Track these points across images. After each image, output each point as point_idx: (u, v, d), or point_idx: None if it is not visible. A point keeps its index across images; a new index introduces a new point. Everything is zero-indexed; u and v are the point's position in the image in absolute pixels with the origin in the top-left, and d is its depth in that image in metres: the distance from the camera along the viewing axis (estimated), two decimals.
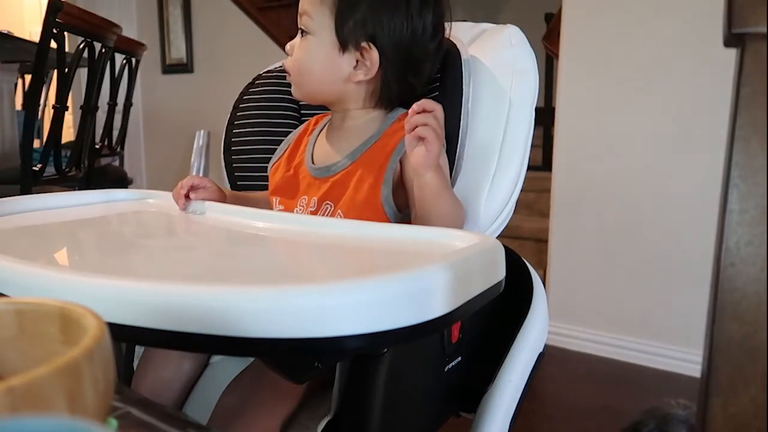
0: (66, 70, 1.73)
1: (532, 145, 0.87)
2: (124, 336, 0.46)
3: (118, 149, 2.50)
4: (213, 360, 0.87)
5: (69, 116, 2.95)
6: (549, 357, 0.87)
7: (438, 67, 0.87)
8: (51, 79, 2.62)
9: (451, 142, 0.83)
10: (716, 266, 0.36)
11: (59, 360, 0.25)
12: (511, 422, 0.81)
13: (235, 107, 1.07)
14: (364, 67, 0.82)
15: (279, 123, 1.04)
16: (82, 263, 0.66)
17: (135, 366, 0.84)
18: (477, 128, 0.84)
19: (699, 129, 1.82)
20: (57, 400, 0.25)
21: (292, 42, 0.86)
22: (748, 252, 0.35)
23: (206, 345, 0.45)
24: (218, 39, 3.65)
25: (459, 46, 0.86)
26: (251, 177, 1.03)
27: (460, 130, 0.83)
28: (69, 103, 1.89)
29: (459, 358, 0.77)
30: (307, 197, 0.85)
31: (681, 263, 1.88)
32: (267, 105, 1.04)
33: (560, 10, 2.05)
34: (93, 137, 2.17)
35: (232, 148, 1.05)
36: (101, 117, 2.16)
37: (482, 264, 0.56)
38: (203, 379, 0.85)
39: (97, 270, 0.58)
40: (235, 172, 1.05)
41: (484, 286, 0.55)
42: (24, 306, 0.33)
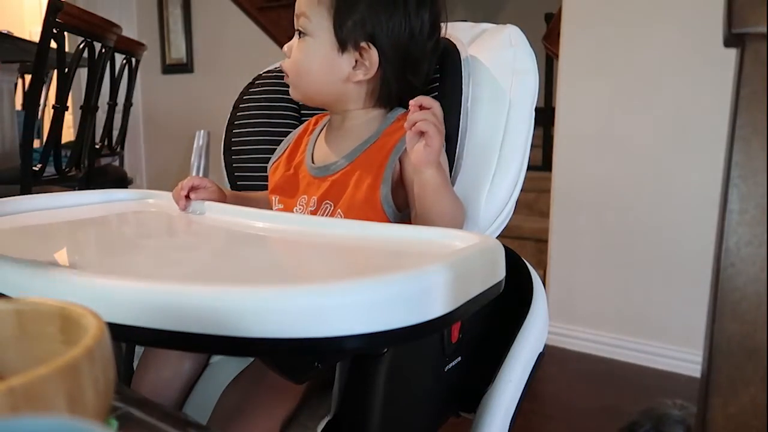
0: (66, 70, 1.73)
1: (532, 145, 0.87)
2: (124, 336, 0.46)
3: (118, 149, 2.50)
4: (213, 360, 0.87)
5: (69, 116, 2.95)
6: (549, 357, 0.87)
7: (437, 67, 0.87)
8: (51, 79, 2.62)
9: (450, 142, 0.83)
10: (716, 266, 0.36)
11: (59, 360, 0.25)
12: (511, 422, 0.81)
13: (235, 107, 1.07)
14: (363, 67, 0.82)
15: (279, 123, 1.04)
16: (82, 263, 0.66)
17: (135, 366, 0.84)
18: (477, 128, 0.85)
19: (699, 129, 1.82)
20: (57, 400, 0.25)
21: (290, 44, 0.86)
22: (748, 252, 0.35)
23: (206, 345, 0.45)
24: (218, 39, 3.65)
25: (459, 46, 0.86)
26: (251, 177, 1.03)
27: (459, 130, 0.84)
28: (69, 103, 1.89)
29: (459, 358, 0.77)
30: (307, 196, 0.85)
31: (681, 263, 1.88)
32: (267, 105, 1.04)
33: (560, 10, 2.05)
34: (93, 137, 2.17)
35: (232, 148, 1.05)
36: (101, 117, 2.16)
37: (482, 264, 0.56)
38: (203, 379, 0.85)
39: (97, 270, 0.58)
40: (235, 172, 1.05)
41: (484, 286, 0.55)
42: (24, 306, 0.33)
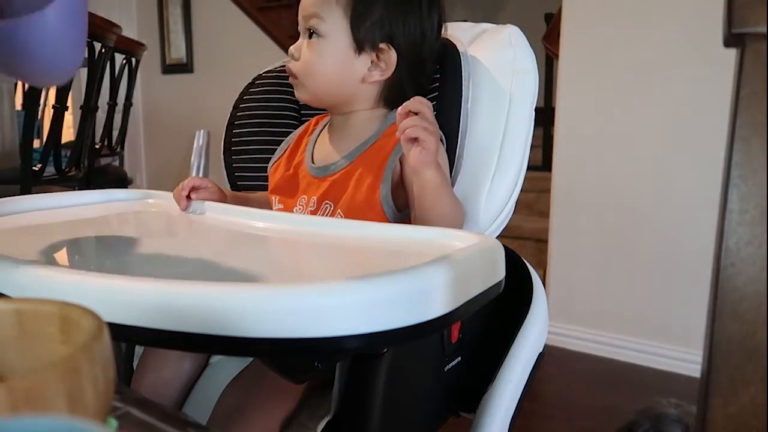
0: None
1: (532, 145, 0.87)
2: (124, 336, 0.46)
3: (118, 149, 2.50)
4: (213, 360, 0.87)
5: (69, 116, 2.95)
6: (549, 357, 0.87)
7: (437, 67, 0.87)
8: None
9: (451, 142, 0.83)
10: (716, 266, 0.36)
11: (59, 360, 0.25)
12: (511, 422, 0.81)
13: (235, 107, 1.07)
14: (379, 68, 0.82)
15: (279, 123, 1.04)
16: (82, 263, 0.66)
17: (135, 366, 0.84)
18: (477, 128, 0.85)
19: (699, 129, 1.82)
20: (57, 400, 0.25)
21: (297, 45, 0.84)
22: (748, 252, 0.35)
23: (206, 345, 0.45)
24: (218, 39, 3.65)
25: (458, 46, 0.86)
26: (251, 177, 1.03)
27: (460, 131, 0.83)
28: (69, 103, 1.89)
29: (459, 358, 0.77)
30: (307, 196, 0.85)
31: (681, 263, 1.88)
32: (267, 105, 1.04)
33: (560, 10, 2.05)
34: (93, 137, 2.17)
35: (232, 149, 1.05)
36: (101, 117, 2.16)
37: (482, 264, 0.56)
38: (203, 379, 0.85)
39: (97, 270, 0.58)
40: (235, 173, 1.05)
41: (484, 286, 0.55)
42: (24, 306, 0.33)
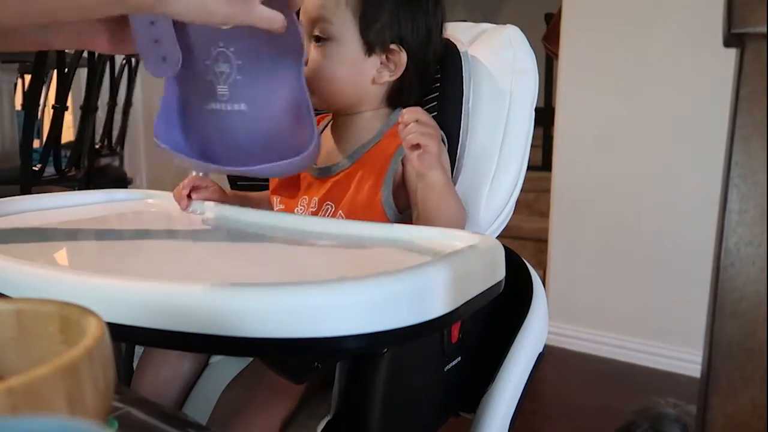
0: (66, 70, 1.73)
1: (532, 145, 0.87)
2: (124, 336, 0.46)
3: (118, 149, 2.50)
4: (213, 360, 0.87)
5: (69, 116, 2.95)
6: (549, 357, 0.87)
7: (437, 68, 0.87)
8: (51, 79, 2.62)
9: (452, 142, 0.83)
10: (716, 266, 0.36)
11: (59, 360, 0.25)
12: (511, 422, 0.81)
13: None
14: (389, 69, 0.82)
15: None
16: (82, 263, 0.66)
17: (135, 366, 0.84)
18: (477, 128, 0.84)
19: (699, 129, 1.82)
20: (57, 400, 0.25)
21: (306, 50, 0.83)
22: (748, 252, 0.35)
23: (206, 345, 0.45)
24: None
25: (459, 47, 0.86)
26: (251, 177, 1.03)
27: (461, 131, 0.83)
28: (69, 103, 1.90)
29: (459, 358, 0.77)
30: (308, 197, 0.84)
31: (681, 263, 1.88)
32: None
33: (560, 10, 2.05)
34: (93, 137, 2.17)
35: None
36: (101, 117, 2.16)
37: (482, 264, 0.56)
38: (203, 379, 0.85)
39: (97, 270, 0.58)
40: (239, 181, 1.04)
41: (484, 286, 0.55)
42: (24, 306, 0.33)
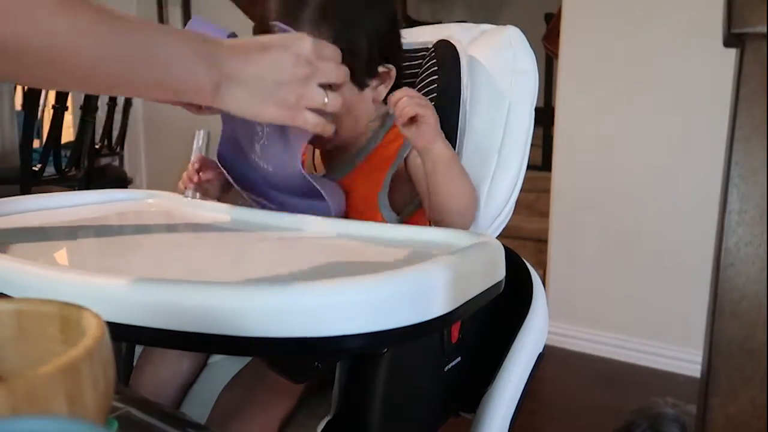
0: None
1: (532, 145, 0.88)
2: (124, 336, 0.46)
3: (118, 149, 2.50)
4: (212, 359, 0.87)
5: (69, 116, 2.95)
6: (549, 357, 0.87)
7: (435, 68, 0.87)
8: None
9: (450, 141, 0.83)
10: (716, 266, 0.36)
11: (59, 360, 0.25)
12: (511, 422, 0.81)
13: None
14: (384, 85, 0.83)
15: None
16: (82, 263, 0.66)
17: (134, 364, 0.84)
18: (476, 128, 0.85)
19: (699, 129, 1.82)
20: (57, 400, 0.25)
21: None
22: (748, 252, 0.35)
23: (206, 344, 0.45)
24: None
25: (457, 47, 0.86)
26: None
27: (458, 129, 0.84)
28: (69, 103, 1.90)
29: (458, 358, 0.77)
30: None
31: (681, 263, 1.88)
32: None
33: (560, 10, 2.05)
34: (93, 137, 2.17)
35: None
36: (101, 117, 2.16)
37: (482, 264, 0.56)
38: (202, 379, 0.85)
39: (97, 270, 0.58)
40: None
41: (484, 286, 0.55)
42: (24, 306, 0.33)
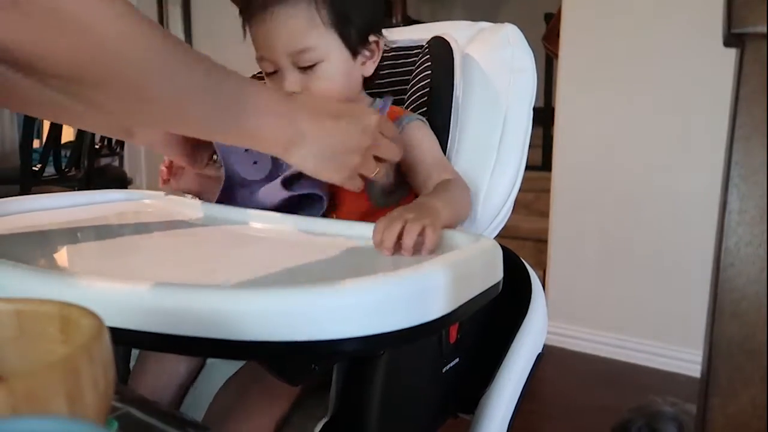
0: None
1: (532, 145, 0.88)
2: (122, 340, 0.45)
3: (118, 149, 2.50)
4: (209, 361, 0.87)
5: None
6: (549, 357, 0.87)
7: (428, 63, 0.87)
8: None
9: (443, 137, 0.83)
10: (716, 266, 0.36)
11: (59, 360, 0.25)
12: (510, 423, 0.81)
13: None
14: (372, 59, 0.82)
15: None
16: (82, 264, 0.66)
17: (131, 367, 0.84)
18: (474, 127, 0.84)
19: (699, 129, 1.82)
20: (57, 400, 0.25)
21: (293, 81, 0.78)
22: (748, 252, 0.35)
23: (203, 348, 0.45)
24: (218, 39, 3.64)
25: (452, 44, 0.86)
26: None
27: (450, 127, 0.83)
28: None
29: (457, 359, 0.77)
30: None
31: (681, 263, 1.88)
32: None
33: (560, 10, 2.05)
34: (93, 137, 2.17)
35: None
36: None
37: (480, 265, 0.56)
38: (200, 380, 0.85)
39: (96, 271, 0.58)
40: None
41: (482, 287, 0.55)
42: (24, 306, 0.33)
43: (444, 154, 0.83)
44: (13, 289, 0.50)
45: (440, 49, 0.86)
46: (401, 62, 0.92)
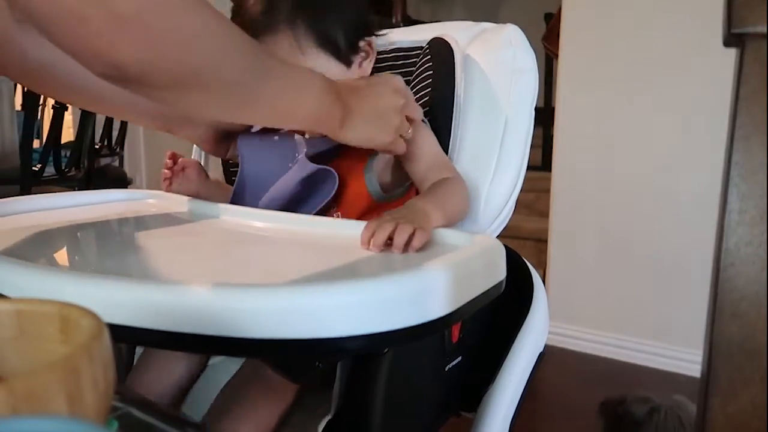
0: None
1: (532, 145, 0.87)
2: (124, 337, 0.46)
3: (118, 149, 2.50)
4: (213, 361, 0.87)
5: (69, 116, 2.95)
6: (549, 357, 0.87)
7: (429, 64, 0.87)
8: None
9: (444, 137, 0.83)
10: (716, 266, 0.36)
11: (59, 360, 0.25)
12: (512, 422, 0.81)
13: None
14: (368, 59, 0.83)
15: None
16: (82, 263, 0.66)
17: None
18: (476, 128, 0.84)
19: (699, 128, 1.82)
20: (57, 400, 0.25)
21: None
22: (748, 252, 0.35)
23: (207, 346, 0.45)
24: None
25: (452, 44, 0.86)
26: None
27: (452, 127, 0.83)
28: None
29: (459, 358, 0.77)
30: None
31: (681, 263, 1.88)
32: None
33: (560, 10, 2.05)
34: (93, 137, 2.17)
35: (230, 161, 1.05)
36: (101, 117, 2.16)
37: (483, 264, 0.56)
38: (203, 380, 0.85)
39: (97, 270, 0.58)
40: (233, 177, 1.04)
41: (485, 287, 0.55)
42: (24, 306, 0.33)
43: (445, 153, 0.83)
44: (14, 288, 0.50)
45: (441, 50, 0.86)
46: (401, 63, 0.92)
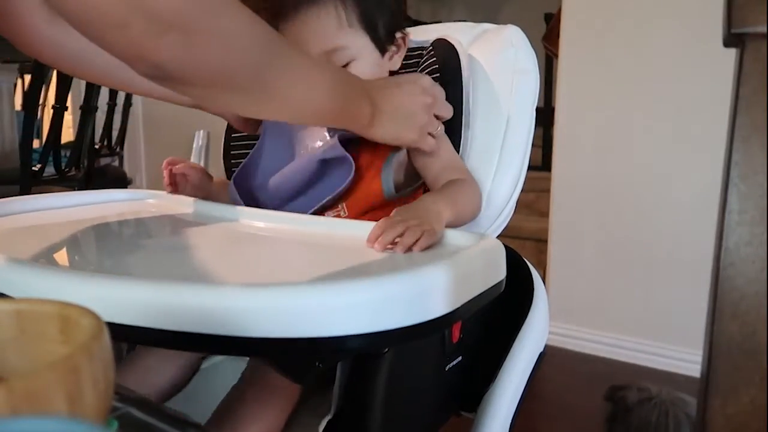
0: None
1: (532, 145, 0.88)
2: (125, 336, 0.46)
3: (118, 149, 2.50)
4: (212, 361, 0.87)
5: (69, 116, 2.95)
6: (549, 357, 0.87)
7: (435, 66, 0.87)
8: (51, 79, 2.62)
9: (455, 138, 0.83)
10: (716, 266, 0.36)
11: (59, 360, 0.25)
12: (512, 422, 0.81)
13: None
14: (399, 54, 0.86)
15: None
16: (82, 263, 0.66)
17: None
18: (477, 128, 0.85)
19: (699, 129, 1.82)
20: (57, 400, 0.25)
21: None
22: (748, 252, 0.35)
23: (208, 344, 0.45)
24: None
25: (457, 48, 0.86)
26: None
27: (462, 128, 0.84)
28: (69, 103, 1.89)
29: (460, 358, 0.77)
30: None
31: (681, 263, 1.88)
32: None
33: (560, 10, 2.05)
34: (93, 137, 2.17)
35: (231, 152, 1.05)
36: (101, 117, 2.16)
37: (483, 264, 0.56)
38: (203, 380, 0.85)
39: (97, 270, 0.58)
40: None
41: (485, 286, 0.55)
42: (24, 306, 0.33)
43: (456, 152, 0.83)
44: (14, 288, 0.50)
45: (445, 51, 0.86)
46: (403, 63, 0.92)
